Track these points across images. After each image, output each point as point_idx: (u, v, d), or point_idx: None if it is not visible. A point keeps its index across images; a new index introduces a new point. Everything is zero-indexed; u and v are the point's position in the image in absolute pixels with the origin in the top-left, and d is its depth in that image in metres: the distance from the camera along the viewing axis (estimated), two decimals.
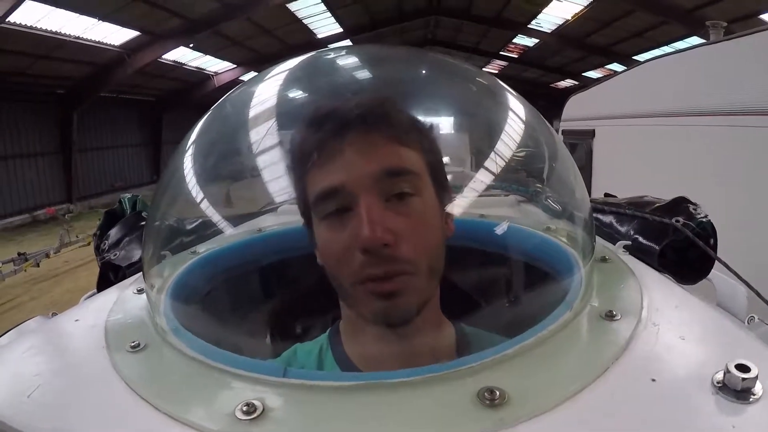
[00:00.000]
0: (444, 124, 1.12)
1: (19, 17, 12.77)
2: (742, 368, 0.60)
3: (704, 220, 1.32)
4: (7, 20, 12.24)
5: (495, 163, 0.99)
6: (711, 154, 3.96)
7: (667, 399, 0.61)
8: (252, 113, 1.04)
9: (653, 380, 0.64)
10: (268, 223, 1.31)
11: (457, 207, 0.94)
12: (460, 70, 1.23)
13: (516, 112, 1.08)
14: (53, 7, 12.89)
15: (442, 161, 0.90)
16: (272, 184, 0.99)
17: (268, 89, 1.09)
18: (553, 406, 0.60)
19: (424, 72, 1.20)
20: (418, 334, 0.84)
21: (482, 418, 0.58)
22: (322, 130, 0.82)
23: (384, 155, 0.81)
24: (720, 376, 0.62)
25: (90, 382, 0.75)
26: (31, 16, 13.06)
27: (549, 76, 30.02)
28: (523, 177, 1.14)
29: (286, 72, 1.08)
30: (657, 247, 1.29)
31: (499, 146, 1.01)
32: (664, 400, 0.61)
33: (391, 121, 0.84)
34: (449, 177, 0.93)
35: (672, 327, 0.77)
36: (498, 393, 0.61)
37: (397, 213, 0.79)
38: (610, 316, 0.79)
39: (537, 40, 23.97)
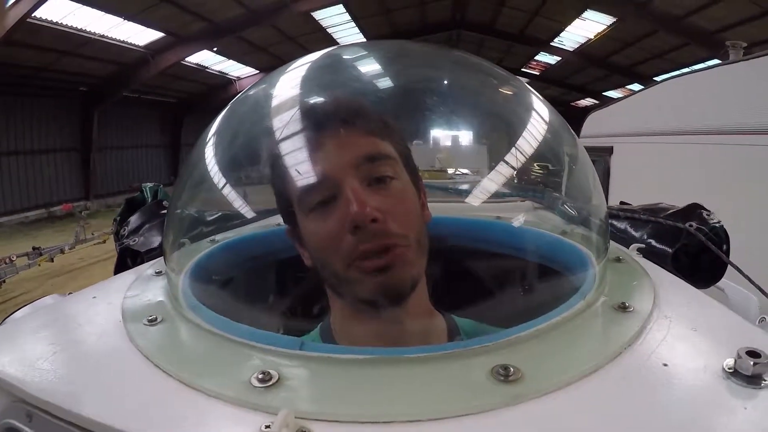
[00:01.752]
0: (465, 130, 1.14)
1: (46, 13, 12.95)
2: (753, 354, 0.61)
3: (717, 225, 1.33)
4: (33, 15, 12.43)
5: (520, 171, 1.02)
6: (728, 173, 3.94)
7: (679, 383, 0.62)
8: (269, 109, 1.05)
9: (665, 365, 0.65)
10: None
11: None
12: (487, 71, 1.22)
13: (545, 119, 1.08)
14: (80, 5, 13.07)
15: (411, 153, 0.93)
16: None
17: (283, 89, 1.10)
18: (566, 385, 0.61)
19: (448, 74, 1.20)
20: (408, 320, 0.87)
21: (496, 393, 0.59)
22: (302, 128, 0.88)
23: (361, 144, 0.85)
24: (731, 362, 0.62)
25: (104, 351, 0.77)
26: (58, 12, 13.23)
27: (570, 94, 29.88)
28: (545, 183, 1.15)
29: (301, 69, 1.09)
30: (670, 250, 1.29)
31: (526, 154, 1.03)
32: (675, 384, 0.62)
33: (364, 116, 0.88)
34: (477, 181, 0.99)
35: (684, 320, 0.78)
36: (512, 370, 0.62)
37: (380, 194, 0.82)
38: (623, 307, 0.80)
39: (559, 58, 23.87)
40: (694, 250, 1.30)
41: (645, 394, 0.60)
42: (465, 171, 1.26)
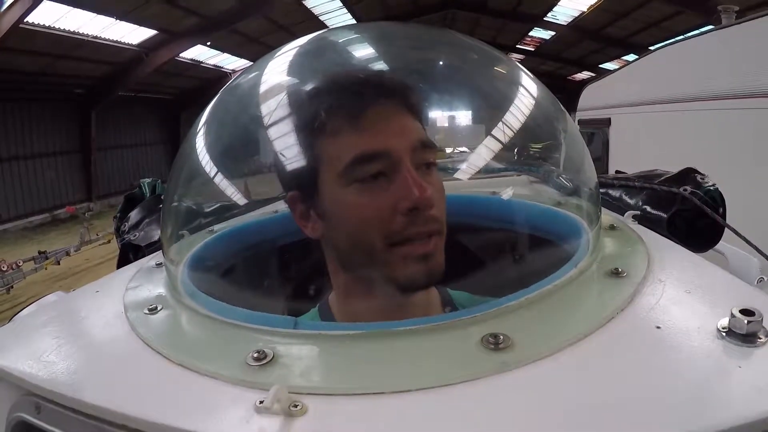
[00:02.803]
0: (461, 108, 1.14)
1: (38, 17, 12.96)
2: (747, 313, 0.60)
3: (712, 188, 1.33)
4: (25, 20, 12.42)
5: (509, 145, 1.03)
6: (725, 137, 3.94)
7: (672, 344, 0.62)
8: (264, 95, 1.02)
9: (658, 327, 0.65)
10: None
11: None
12: (475, 49, 1.21)
13: (531, 94, 1.09)
14: (71, 7, 13.04)
15: None
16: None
17: (278, 72, 1.08)
18: (555, 351, 0.61)
19: (440, 52, 1.19)
20: (416, 295, 0.87)
21: (486, 360, 0.60)
22: (359, 94, 0.84)
23: (417, 128, 0.85)
24: (725, 321, 0.62)
25: (107, 341, 0.79)
26: (50, 16, 13.24)
27: (566, 68, 29.69)
28: (536, 157, 1.15)
29: (293, 52, 1.07)
30: (665, 216, 1.29)
31: (514, 128, 1.03)
32: (668, 345, 0.62)
33: (418, 100, 0.88)
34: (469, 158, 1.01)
35: (678, 283, 0.78)
36: (501, 338, 0.62)
37: (430, 181, 0.82)
38: (615, 273, 0.80)
39: (553, 33, 23.72)
40: (689, 214, 1.30)
41: (637, 357, 0.60)
42: (460, 149, 1.26)
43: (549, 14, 21.53)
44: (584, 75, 28.73)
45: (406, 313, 0.86)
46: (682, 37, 7.22)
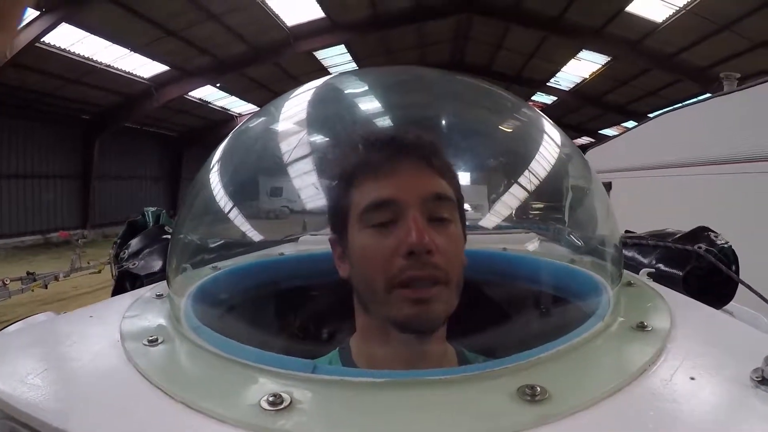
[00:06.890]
0: (491, 163, 1.18)
1: (54, 39, 13.21)
2: None
3: (725, 246, 1.35)
4: (41, 40, 12.64)
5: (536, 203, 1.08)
6: (725, 202, 3.99)
7: (708, 394, 0.62)
8: (281, 137, 1.08)
9: (692, 379, 0.65)
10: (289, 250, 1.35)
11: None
12: (498, 97, 1.24)
13: (563, 150, 1.14)
14: (88, 33, 13.30)
15: (463, 202, 0.96)
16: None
17: (292, 114, 1.11)
18: (593, 404, 0.59)
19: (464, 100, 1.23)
20: (430, 348, 0.89)
21: (525, 413, 0.57)
22: (383, 150, 0.91)
23: (433, 182, 0.89)
24: (758, 371, 0.62)
25: (100, 369, 0.73)
26: (66, 39, 13.49)
27: (566, 133, 30.21)
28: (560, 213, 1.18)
29: (309, 96, 1.11)
30: (680, 273, 1.30)
31: (544, 185, 1.07)
32: (705, 396, 0.62)
33: (440, 157, 0.93)
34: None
35: (704, 335, 0.79)
36: (539, 389, 0.60)
37: (437, 232, 0.85)
38: (641, 326, 0.80)
39: (555, 98, 24.35)
40: (703, 272, 1.31)
41: (676, 407, 0.59)
42: (482, 203, 1.26)
43: (552, 80, 22.09)
44: (584, 140, 29.30)
45: (420, 362, 0.88)
46: (681, 105, 7.45)
